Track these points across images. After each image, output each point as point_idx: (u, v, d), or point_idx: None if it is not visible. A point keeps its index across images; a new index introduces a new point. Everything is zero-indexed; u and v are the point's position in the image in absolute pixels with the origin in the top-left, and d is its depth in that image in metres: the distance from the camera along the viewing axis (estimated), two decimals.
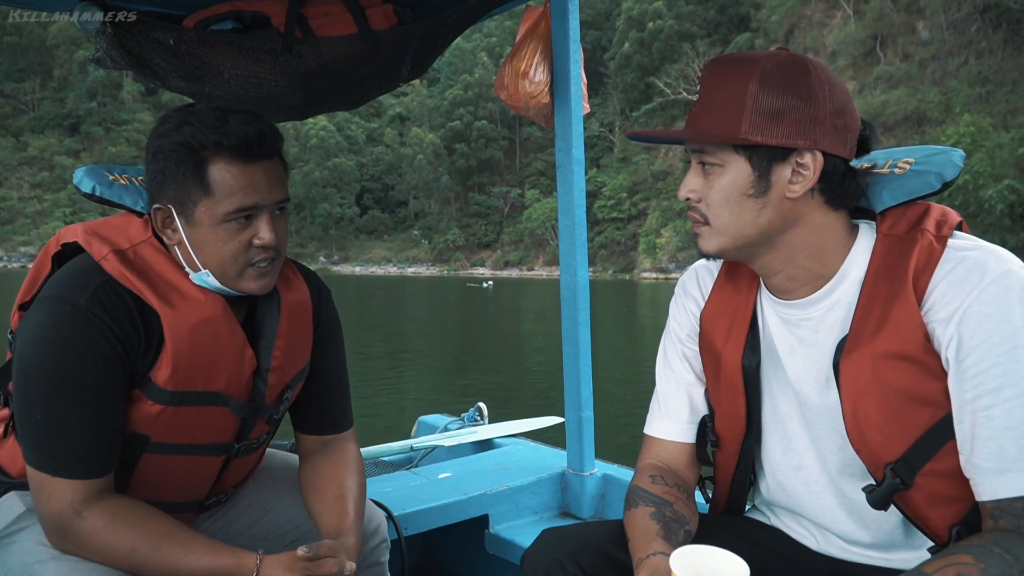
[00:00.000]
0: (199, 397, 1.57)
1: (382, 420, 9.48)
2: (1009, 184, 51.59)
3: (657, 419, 1.59)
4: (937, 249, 1.26)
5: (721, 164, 1.30)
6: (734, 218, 1.32)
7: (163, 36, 2.26)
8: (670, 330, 1.62)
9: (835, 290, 1.35)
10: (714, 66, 1.33)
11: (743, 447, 1.50)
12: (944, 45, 75.31)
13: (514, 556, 2.52)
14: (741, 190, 1.30)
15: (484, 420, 3.78)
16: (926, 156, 1.41)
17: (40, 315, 1.45)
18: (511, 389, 13.17)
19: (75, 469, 1.45)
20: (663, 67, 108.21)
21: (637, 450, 1.62)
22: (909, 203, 1.36)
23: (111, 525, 1.45)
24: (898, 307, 1.25)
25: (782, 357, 1.42)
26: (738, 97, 1.27)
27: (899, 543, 1.38)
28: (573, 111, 2.52)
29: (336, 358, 1.86)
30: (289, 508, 1.88)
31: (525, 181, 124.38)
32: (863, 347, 1.27)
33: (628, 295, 51.04)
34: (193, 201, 1.48)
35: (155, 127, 1.52)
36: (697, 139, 1.31)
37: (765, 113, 1.26)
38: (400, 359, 17.47)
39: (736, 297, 1.50)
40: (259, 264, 1.54)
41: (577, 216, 2.56)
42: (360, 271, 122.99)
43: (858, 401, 1.28)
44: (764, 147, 1.27)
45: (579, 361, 2.62)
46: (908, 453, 1.27)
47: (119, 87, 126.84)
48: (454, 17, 2.42)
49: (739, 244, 1.34)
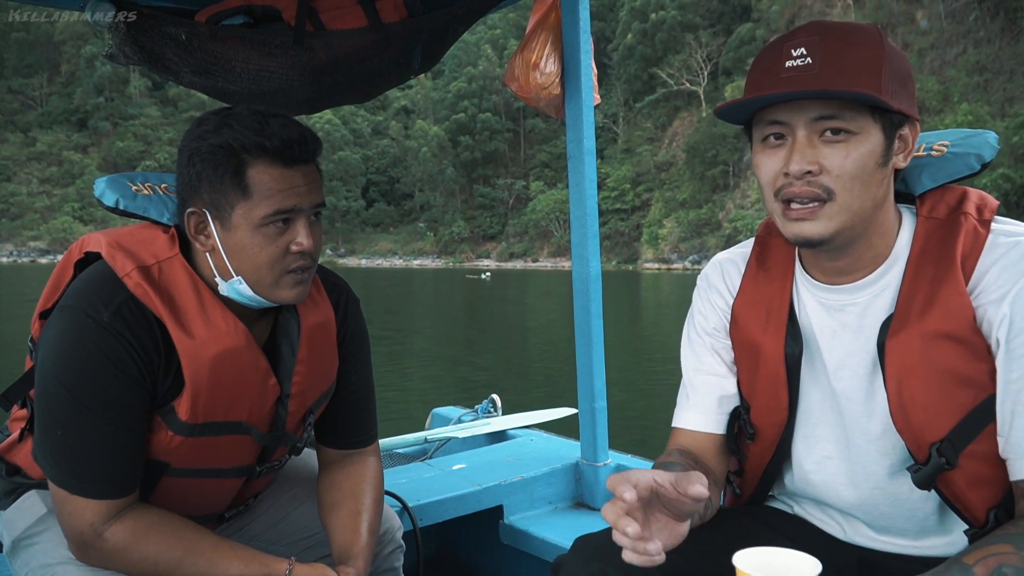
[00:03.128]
0: (220, 427, 1.54)
1: (395, 412, 9.50)
2: (1004, 173, 51.92)
3: (685, 410, 1.54)
4: (983, 233, 1.25)
5: (857, 132, 1.21)
6: (863, 191, 1.23)
7: (175, 31, 2.26)
8: (694, 322, 1.57)
9: (886, 274, 1.32)
10: (827, 29, 1.23)
11: (781, 438, 1.46)
12: (943, 34, 75.36)
13: (529, 546, 2.52)
14: (875, 160, 1.23)
15: (498, 412, 3.77)
16: (961, 139, 1.41)
17: (62, 326, 1.43)
18: (519, 377, 13.21)
19: (96, 489, 1.43)
20: (666, 58, 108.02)
21: (648, 440, 1.59)
22: (945, 187, 1.36)
23: (133, 543, 1.44)
24: (946, 288, 1.24)
25: (821, 344, 1.39)
26: (875, 59, 1.20)
27: (932, 529, 1.37)
28: (584, 101, 2.51)
29: (362, 373, 1.81)
30: (305, 515, 1.87)
31: (530, 173, 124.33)
32: (911, 327, 1.25)
33: (632, 285, 51.04)
34: (230, 204, 1.43)
35: (190, 130, 1.48)
36: (851, 92, 1.18)
37: (897, 78, 1.22)
38: (409, 350, 17.50)
39: (771, 286, 1.46)
40: (296, 271, 1.49)
41: (589, 206, 2.55)
42: (366, 264, 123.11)
43: (904, 380, 1.26)
44: (894, 114, 1.23)
45: (592, 351, 2.62)
46: (952, 434, 1.25)
47: (126, 82, 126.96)
48: (464, 9, 2.41)
49: (855, 222, 1.26)
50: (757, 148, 1.30)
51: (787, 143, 1.25)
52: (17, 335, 13.04)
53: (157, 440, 1.50)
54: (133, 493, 1.48)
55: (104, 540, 1.43)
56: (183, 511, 1.56)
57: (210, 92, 2.45)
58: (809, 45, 1.21)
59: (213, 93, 2.46)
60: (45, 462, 1.46)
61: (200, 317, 1.48)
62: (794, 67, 1.21)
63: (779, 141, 1.26)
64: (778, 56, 1.23)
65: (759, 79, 1.26)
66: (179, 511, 1.55)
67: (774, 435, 1.46)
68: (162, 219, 1.62)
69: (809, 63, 1.20)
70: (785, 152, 1.25)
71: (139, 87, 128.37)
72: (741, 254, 1.55)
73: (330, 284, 1.75)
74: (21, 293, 34.47)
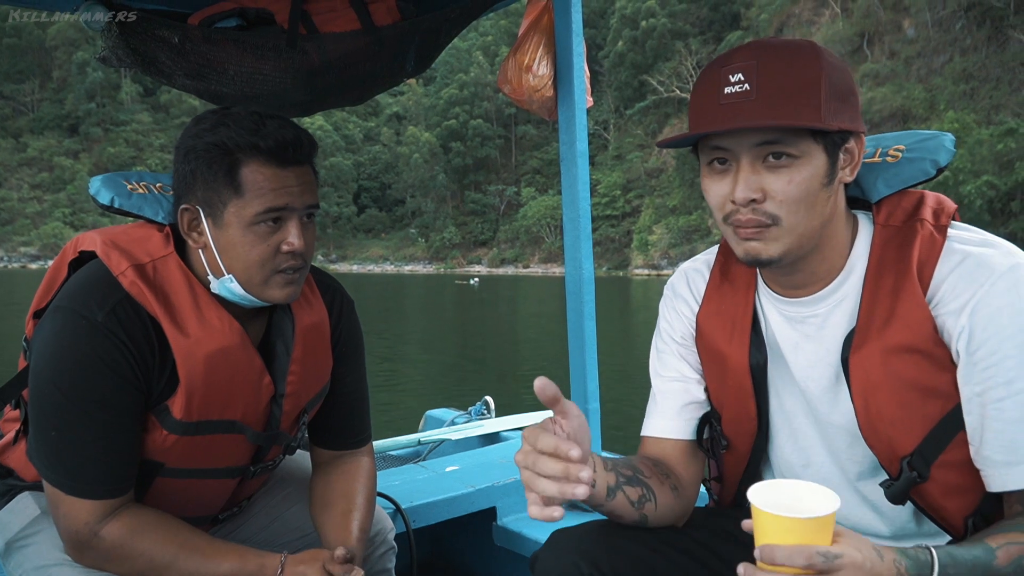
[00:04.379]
0: (215, 426, 1.54)
1: (389, 414, 9.48)
2: (988, 180, 52.34)
3: (652, 417, 1.54)
4: (939, 240, 1.24)
5: (799, 155, 1.19)
6: (808, 213, 1.22)
7: (168, 34, 2.27)
8: (661, 331, 1.57)
9: (843, 284, 1.32)
10: (763, 51, 1.21)
11: (754, 447, 1.46)
12: (929, 43, 76.01)
13: (522, 548, 2.52)
14: (819, 181, 1.21)
15: (491, 414, 3.78)
16: (917, 142, 1.40)
17: (55, 326, 1.43)
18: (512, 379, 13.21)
19: (91, 489, 1.43)
20: (656, 65, 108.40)
21: (637, 441, 1.59)
22: (902, 192, 1.35)
23: (128, 542, 1.44)
24: (904, 299, 1.23)
25: (786, 355, 1.39)
26: (813, 81, 1.18)
27: (911, 532, 1.38)
28: (576, 104, 2.51)
29: (356, 374, 1.81)
30: (298, 516, 1.87)
31: (521, 179, 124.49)
32: (872, 341, 1.25)
33: (622, 291, 51.09)
34: (223, 202, 1.44)
35: (187, 128, 1.49)
36: (788, 124, 1.17)
37: (837, 95, 1.20)
38: (402, 353, 17.49)
39: (735, 297, 1.45)
40: (286, 271, 1.49)
41: (581, 210, 2.56)
42: (358, 269, 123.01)
43: (870, 396, 1.26)
44: (836, 133, 1.21)
45: (585, 354, 2.62)
46: (921, 446, 1.25)
47: (118, 88, 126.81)
48: (457, 12, 2.43)
49: (803, 243, 1.25)
50: (704, 172, 1.29)
51: (731, 168, 1.24)
52: (5, 339, 12.95)
53: (151, 439, 1.50)
54: (128, 493, 1.49)
55: (100, 539, 1.43)
56: (177, 512, 1.56)
57: (203, 95, 2.46)
58: (746, 70, 1.19)
59: (206, 96, 2.46)
60: (40, 462, 1.46)
61: (195, 315, 1.48)
62: (733, 94, 1.20)
63: (724, 166, 1.25)
64: (716, 81, 1.22)
65: (700, 107, 1.25)
66: (173, 512, 1.54)
67: (746, 444, 1.46)
68: (157, 218, 1.62)
69: (747, 89, 1.18)
70: (731, 178, 1.24)
71: (130, 93, 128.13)
72: (705, 262, 1.55)
73: (324, 285, 1.76)
74: (11, 299, 34.30)
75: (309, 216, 1.53)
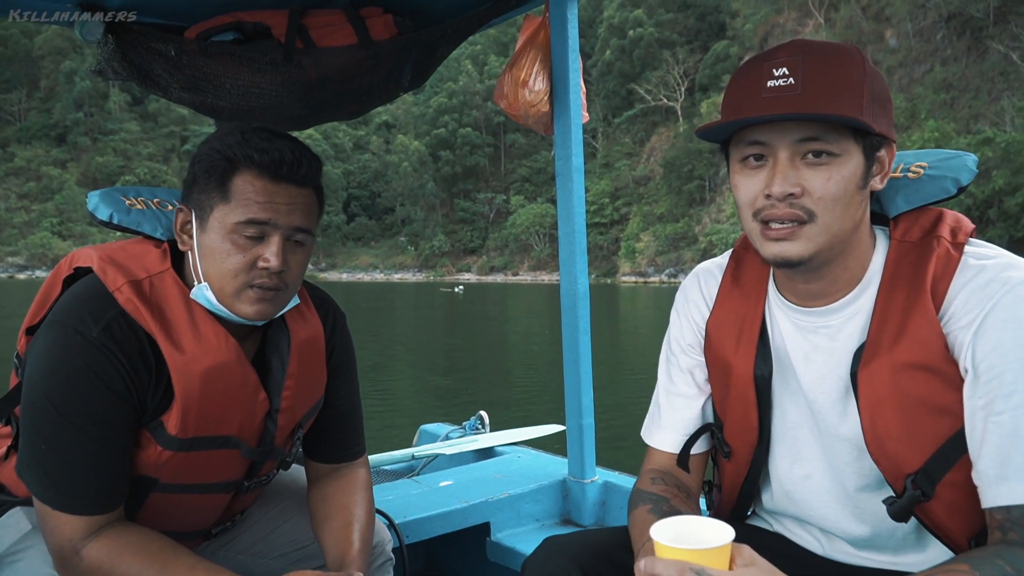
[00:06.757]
0: (209, 442, 1.53)
1: (381, 428, 9.45)
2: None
3: (656, 429, 1.56)
4: (955, 257, 1.24)
5: (840, 154, 1.19)
6: (843, 213, 1.22)
7: (164, 47, 2.26)
8: (671, 339, 1.57)
9: (859, 297, 1.31)
10: (808, 48, 1.21)
11: (754, 457, 1.46)
12: (911, 52, 77.03)
13: (515, 563, 2.51)
14: (856, 183, 1.21)
15: (485, 428, 3.77)
16: (939, 160, 1.39)
17: (49, 342, 1.41)
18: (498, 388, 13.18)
19: (78, 505, 1.42)
20: (644, 74, 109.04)
21: (634, 456, 1.60)
22: (920, 209, 1.35)
23: (108, 562, 1.42)
24: (917, 316, 1.22)
25: (795, 365, 1.38)
26: (856, 80, 1.18)
27: (911, 547, 1.37)
28: (573, 119, 2.52)
29: (349, 387, 1.81)
30: (294, 529, 1.86)
31: (510, 187, 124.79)
32: (882, 357, 1.24)
33: (611, 299, 51.19)
34: (211, 206, 1.46)
35: (208, 136, 1.52)
36: (835, 115, 1.16)
37: (878, 100, 1.20)
38: (393, 366, 17.45)
39: (744, 304, 1.45)
40: (259, 287, 1.47)
41: (577, 223, 2.56)
42: (347, 278, 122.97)
43: (877, 412, 1.25)
44: (873, 136, 1.21)
45: (579, 368, 2.62)
46: (928, 464, 1.24)
47: (105, 97, 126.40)
48: (454, 27, 2.43)
49: (834, 243, 1.24)
50: (735, 168, 1.28)
51: (767, 164, 1.23)
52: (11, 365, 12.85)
53: (145, 455, 1.49)
54: (116, 510, 1.47)
55: (80, 558, 1.42)
56: (171, 527, 1.55)
57: (199, 108, 2.45)
58: (791, 65, 1.19)
59: (202, 109, 2.45)
60: (28, 476, 1.45)
61: (190, 331, 1.48)
62: (776, 87, 1.19)
63: (759, 162, 1.24)
64: (759, 75, 1.21)
65: (740, 98, 1.24)
66: (167, 527, 1.54)
67: (747, 454, 1.47)
68: (155, 234, 1.62)
69: (792, 83, 1.18)
70: (766, 173, 1.23)
71: (119, 102, 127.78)
72: (719, 265, 1.55)
73: (318, 300, 1.76)
74: (1, 311, 34.05)
75: (297, 240, 1.51)
